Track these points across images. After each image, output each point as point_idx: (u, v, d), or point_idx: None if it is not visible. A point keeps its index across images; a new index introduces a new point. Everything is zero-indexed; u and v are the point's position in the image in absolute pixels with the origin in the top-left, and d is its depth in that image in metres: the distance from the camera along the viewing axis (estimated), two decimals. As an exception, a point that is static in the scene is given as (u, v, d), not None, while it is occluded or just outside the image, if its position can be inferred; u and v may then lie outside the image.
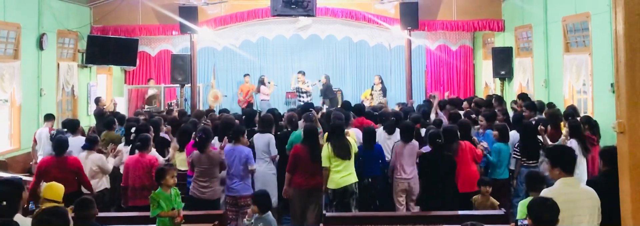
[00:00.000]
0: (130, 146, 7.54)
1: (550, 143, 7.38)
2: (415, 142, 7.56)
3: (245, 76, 15.51)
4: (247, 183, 7.05)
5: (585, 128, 7.69)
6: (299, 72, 15.20)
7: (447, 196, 7.00)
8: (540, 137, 7.59)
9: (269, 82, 15.26)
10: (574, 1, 10.29)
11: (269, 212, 5.77)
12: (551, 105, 9.79)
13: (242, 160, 6.98)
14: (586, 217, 4.20)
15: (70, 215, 5.31)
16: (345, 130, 7.48)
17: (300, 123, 8.42)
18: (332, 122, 8.00)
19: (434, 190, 7.00)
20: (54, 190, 5.55)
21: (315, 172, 7.08)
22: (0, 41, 10.14)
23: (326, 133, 7.55)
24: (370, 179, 7.48)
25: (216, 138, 7.74)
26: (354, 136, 7.73)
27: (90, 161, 7.37)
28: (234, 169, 6.97)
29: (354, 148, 7.18)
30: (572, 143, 7.13)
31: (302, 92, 15.04)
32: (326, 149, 7.04)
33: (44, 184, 5.91)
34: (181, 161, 7.61)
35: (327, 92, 15.14)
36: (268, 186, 7.33)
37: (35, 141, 9.74)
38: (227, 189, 7.05)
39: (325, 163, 7.03)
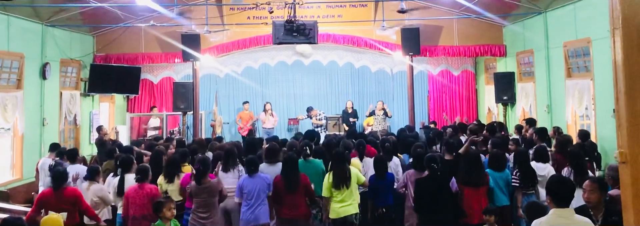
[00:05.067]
0: (118, 176, 7.45)
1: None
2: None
3: (244, 103, 15.48)
4: (266, 210, 6.88)
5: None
6: (310, 109, 15.17)
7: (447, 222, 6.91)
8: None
9: (266, 111, 15.17)
10: (574, 27, 10.33)
11: None
12: (559, 131, 9.71)
13: (265, 188, 6.86)
14: None
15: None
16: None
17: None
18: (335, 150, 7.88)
19: (433, 216, 6.84)
20: (54, 223, 5.42)
21: (295, 203, 6.89)
22: (4, 70, 10.19)
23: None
24: (384, 209, 7.33)
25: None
26: (358, 165, 7.66)
27: (91, 192, 7.26)
28: (254, 199, 6.79)
29: (357, 176, 7.06)
30: (566, 171, 7.04)
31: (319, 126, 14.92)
32: (327, 179, 6.95)
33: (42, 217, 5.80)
34: (172, 191, 7.30)
35: (349, 118, 15.07)
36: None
37: (37, 171, 9.66)
38: (245, 220, 6.83)
39: (325, 192, 6.93)
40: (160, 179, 7.41)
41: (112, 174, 7.83)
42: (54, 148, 9.70)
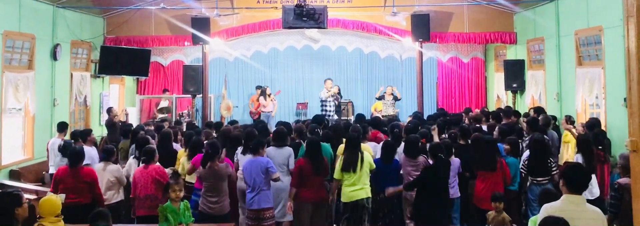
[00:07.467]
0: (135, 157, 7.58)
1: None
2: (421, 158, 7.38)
3: (257, 88, 15.52)
4: (268, 195, 6.84)
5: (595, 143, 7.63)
6: (328, 78, 14.96)
7: (445, 208, 6.89)
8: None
9: (269, 95, 15.17)
10: (586, 15, 10.26)
11: None
12: (571, 119, 9.69)
13: (263, 170, 6.78)
14: None
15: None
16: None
17: None
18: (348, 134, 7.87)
19: (434, 202, 6.70)
20: (51, 204, 5.16)
21: (320, 185, 7.04)
22: (15, 51, 10.23)
23: (341, 145, 7.51)
24: (385, 194, 7.30)
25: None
26: (370, 150, 7.67)
27: (108, 173, 7.34)
28: (254, 182, 6.76)
29: (370, 163, 7.05)
30: (578, 158, 7.03)
31: (327, 101, 14.75)
32: (339, 161, 6.99)
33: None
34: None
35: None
36: (287, 199, 7.27)
37: (48, 151, 9.74)
38: (247, 203, 6.83)
39: (336, 175, 6.95)
40: (184, 159, 7.54)
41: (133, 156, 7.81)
42: (62, 127, 9.76)
